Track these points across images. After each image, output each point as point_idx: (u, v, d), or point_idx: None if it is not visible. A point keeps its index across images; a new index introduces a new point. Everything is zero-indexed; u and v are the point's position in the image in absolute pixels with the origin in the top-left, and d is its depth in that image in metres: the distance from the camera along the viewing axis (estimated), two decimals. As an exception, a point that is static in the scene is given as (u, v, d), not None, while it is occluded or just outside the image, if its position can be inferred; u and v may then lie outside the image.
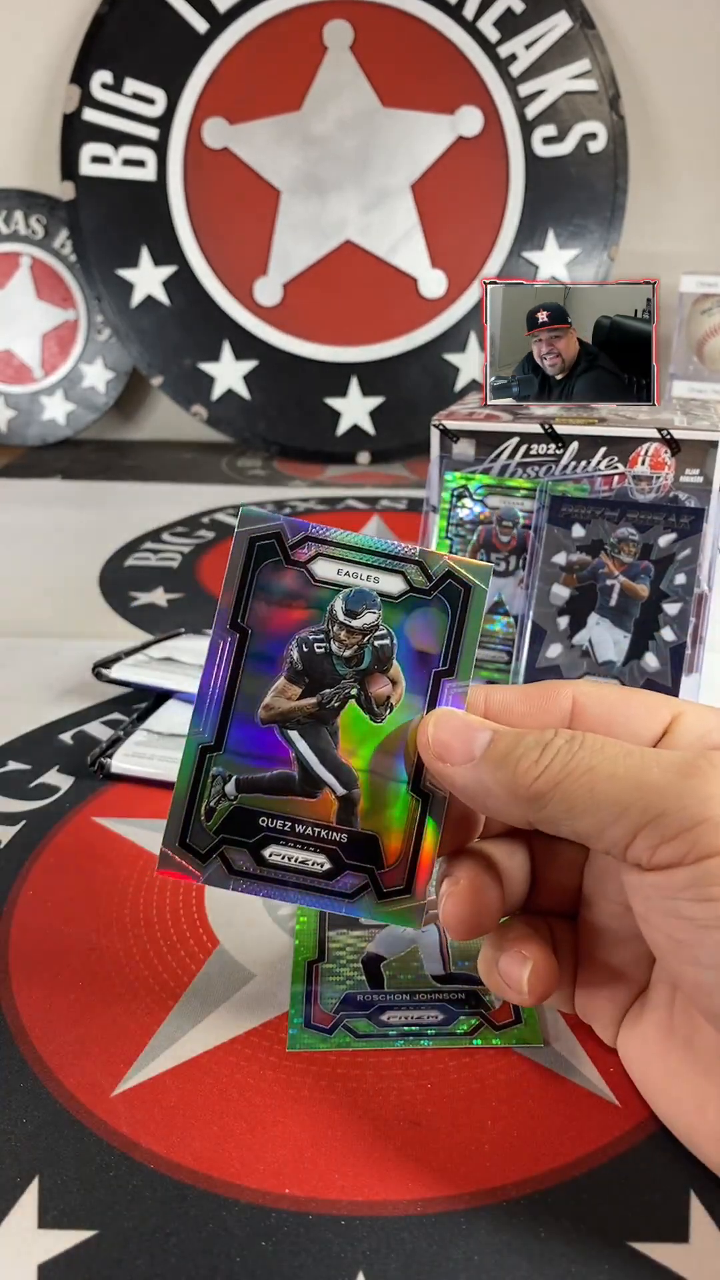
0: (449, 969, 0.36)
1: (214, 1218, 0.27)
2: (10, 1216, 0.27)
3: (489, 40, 1.10)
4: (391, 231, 1.15)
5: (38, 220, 1.20)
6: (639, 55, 1.16)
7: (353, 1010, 0.34)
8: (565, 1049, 0.32)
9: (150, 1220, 0.27)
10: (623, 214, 1.14)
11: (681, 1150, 0.29)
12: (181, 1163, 0.28)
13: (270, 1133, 0.29)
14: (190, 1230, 0.26)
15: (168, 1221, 0.27)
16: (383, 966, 0.36)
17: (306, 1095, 0.30)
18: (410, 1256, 0.26)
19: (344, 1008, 0.34)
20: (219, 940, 0.37)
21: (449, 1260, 0.26)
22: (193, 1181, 0.28)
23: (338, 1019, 0.33)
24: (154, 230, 1.14)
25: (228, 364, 1.17)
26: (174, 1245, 0.26)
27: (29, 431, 1.23)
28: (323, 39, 1.11)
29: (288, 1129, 0.29)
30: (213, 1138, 0.29)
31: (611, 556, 0.49)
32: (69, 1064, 0.31)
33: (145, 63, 1.11)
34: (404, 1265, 0.26)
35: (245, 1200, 0.27)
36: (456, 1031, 0.33)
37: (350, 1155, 0.28)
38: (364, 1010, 0.34)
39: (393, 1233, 0.26)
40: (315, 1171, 0.28)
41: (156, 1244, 0.26)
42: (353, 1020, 0.33)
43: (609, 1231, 0.26)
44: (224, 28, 1.10)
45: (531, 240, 1.15)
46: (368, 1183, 0.28)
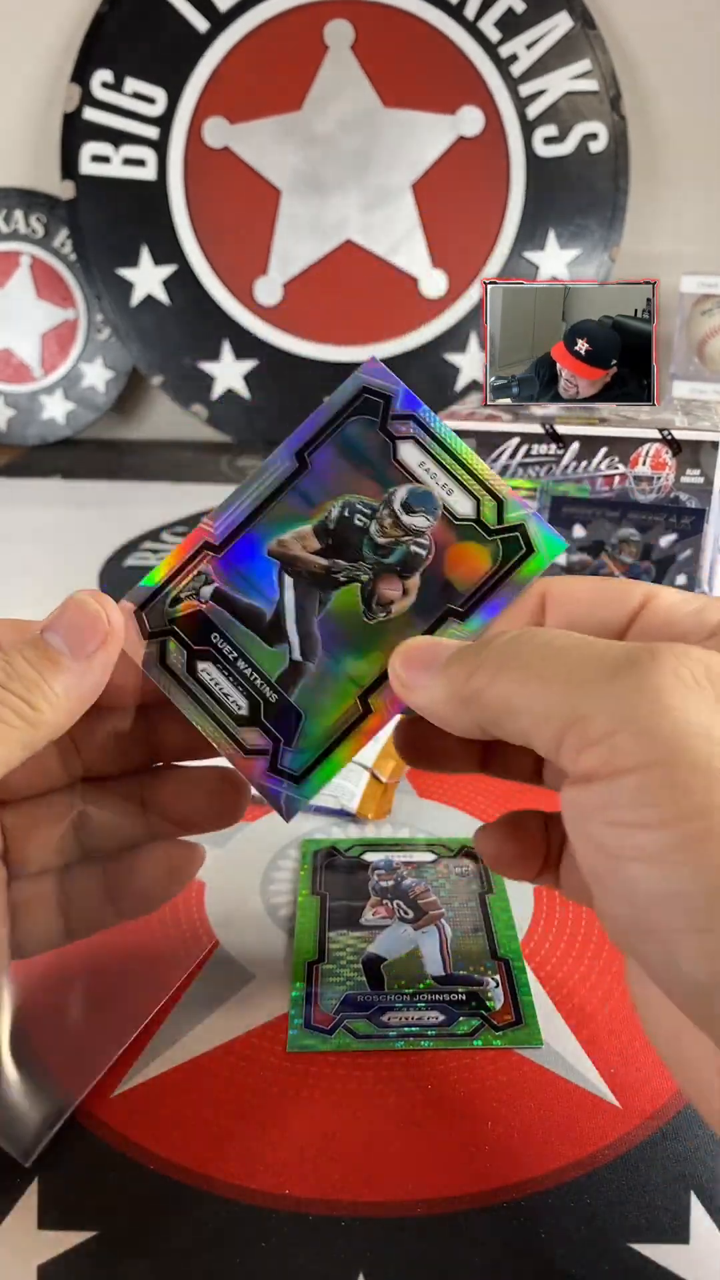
0: (449, 970, 0.36)
1: (214, 1218, 0.27)
2: (10, 1217, 0.27)
3: (490, 40, 1.10)
4: (392, 231, 1.15)
5: (38, 219, 1.20)
6: (640, 55, 1.16)
7: (352, 1011, 0.34)
8: (565, 1049, 0.32)
9: (150, 1220, 0.27)
10: (623, 214, 1.14)
11: (682, 1150, 0.29)
12: (181, 1163, 0.28)
13: (270, 1133, 0.29)
14: (190, 1230, 0.26)
15: (168, 1221, 0.27)
16: (383, 968, 0.36)
17: (306, 1095, 0.30)
18: (410, 1257, 0.26)
19: (344, 1009, 0.34)
20: (219, 940, 0.37)
21: (449, 1260, 0.26)
22: (193, 1182, 0.28)
23: (338, 1020, 0.33)
24: (154, 230, 1.14)
25: (228, 364, 1.17)
26: (174, 1245, 0.26)
27: (29, 431, 1.23)
28: (323, 39, 1.10)
29: (288, 1129, 0.29)
30: (213, 1138, 0.29)
31: (612, 557, 0.49)
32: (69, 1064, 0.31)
33: (146, 62, 1.11)
34: (404, 1265, 0.26)
35: (245, 1200, 0.27)
36: (457, 1032, 0.33)
37: (350, 1155, 0.28)
38: (364, 1011, 0.34)
39: (393, 1233, 0.26)
40: (315, 1171, 0.28)
41: (156, 1244, 0.26)
42: (353, 1021, 0.33)
43: (609, 1232, 0.26)
44: (225, 27, 1.10)
45: (532, 240, 1.15)
46: (368, 1183, 0.28)
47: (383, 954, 0.36)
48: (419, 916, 0.38)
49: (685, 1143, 0.29)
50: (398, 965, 0.36)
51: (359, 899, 0.39)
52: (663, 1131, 0.29)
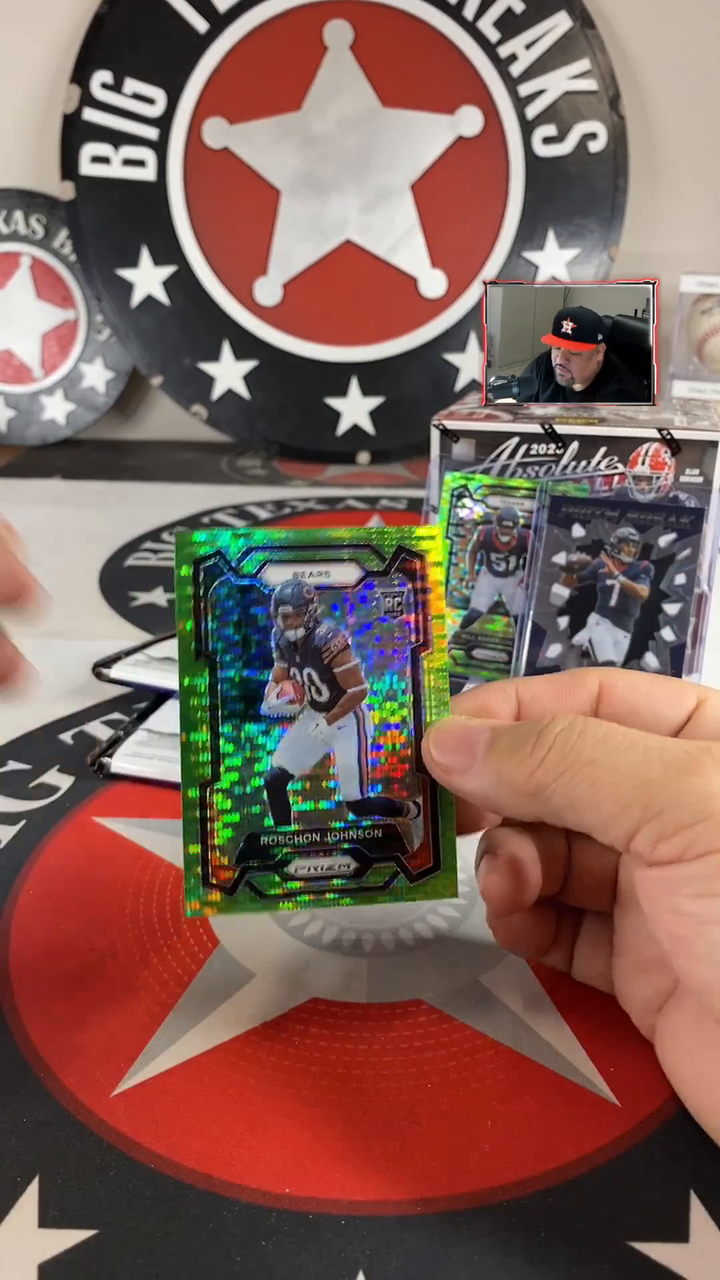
0: (365, 791, 0.31)
1: (214, 1218, 0.27)
2: (10, 1216, 0.27)
3: (489, 40, 1.10)
4: (391, 231, 1.15)
5: (38, 220, 1.20)
6: (639, 55, 1.16)
7: (255, 862, 0.30)
8: (565, 1049, 0.32)
9: (150, 1220, 0.27)
10: (623, 214, 1.14)
11: (682, 1150, 0.29)
12: (181, 1163, 0.28)
13: (270, 1133, 0.29)
14: (190, 1230, 0.26)
15: (168, 1221, 0.27)
16: (290, 790, 0.30)
17: (306, 1095, 0.30)
18: (410, 1256, 0.26)
19: (245, 858, 0.30)
20: (219, 940, 0.37)
21: (449, 1260, 0.26)
22: (193, 1181, 0.28)
23: (240, 873, 0.30)
24: (154, 230, 1.14)
25: (228, 364, 1.17)
26: (174, 1245, 0.26)
27: (29, 431, 1.23)
28: (323, 39, 1.11)
29: (288, 1129, 0.29)
30: (213, 1138, 0.29)
31: (611, 556, 0.49)
32: (69, 1064, 0.31)
33: (145, 63, 1.11)
34: (404, 1265, 0.26)
35: (245, 1200, 0.27)
36: (368, 885, 0.31)
37: (350, 1155, 0.28)
38: (268, 862, 0.30)
39: (393, 1233, 0.26)
40: (315, 1171, 0.28)
41: (156, 1244, 0.26)
42: (256, 875, 0.30)
43: (609, 1231, 0.26)
44: (224, 27, 1.10)
45: (531, 240, 1.15)
46: (368, 1183, 0.28)
47: (288, 766, 0.30)
48: (335, 698, 0.31)
49: (685, 1142, 0.29)
50: (306, 787, 0.30)
51: (257, 662, 0.30)
52: (663, 1131, 0.29)
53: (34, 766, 0.49)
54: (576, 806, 0.26)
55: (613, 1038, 0.32)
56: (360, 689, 0.31)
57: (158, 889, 0.40)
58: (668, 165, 1.20)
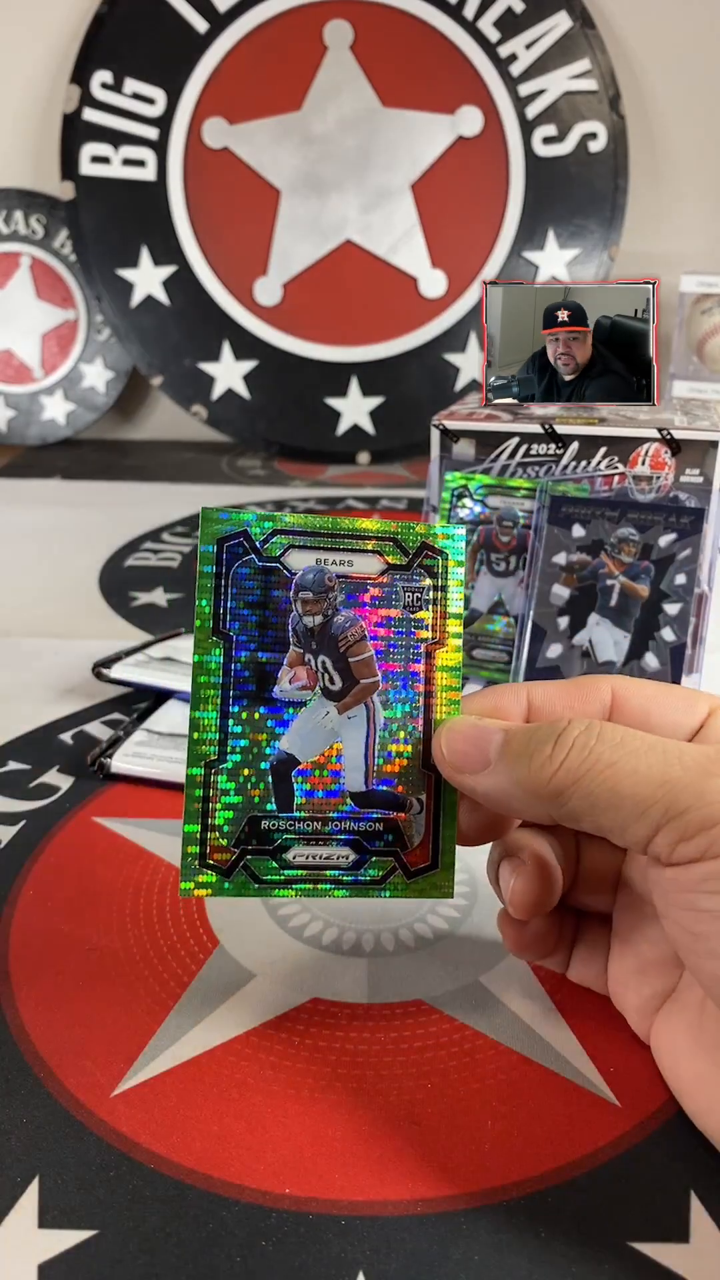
0: (370, 783, 0.31)
1: (214, 1218, 0.27)
2: (10, 1216, 0.27)
3: (489, 40, 1.10)
4: (391, 231, 1.15)
5: (38, 220, 1.20)
6: (639, 55, 1.16)
7: (254, 845, 0.30)
8: (566, 1049, 0.32)
9: (150, 1220, 0.27)
10: (623, 214, 1.14)
11: (682, 1150, 0.29)
12: (181, 1163, 0.28)
13: (270, 1133, 0.29)
14: (190, 1230, 0.26)
15: (168, 1221, 0.27)
16: (295, 776, 0.30)
17: (306, 1095, 0.30)
18: (410, 1256, 0.26)
19: (244, 840, 0.30)
20: (219, 940, 0.37)
21: (449, 1260, 0.26)
22: (193, 1181, 0.28)
23: (237, 855, 0.29)
24: (154, 230, 1.14)
25: (228, 364, 1.17)
26: (174, 1245, 0.26)
27: (29, 431, 1.23)
28: (323, 39, 1.11)
29: (288, 1129, 0.29)
30: (213, 1138, 0.29)
31: (612, 556, 0.49)
32: (69, 1064, 0.31)
33: (145, 63, 1.11)
34: (404, 1265, 0.26)
35: (245, 1200, 0.27)
36: (364, 879, 0.30)
37: (350, 1155, 0.28)
38: (268, 846, 0.30)
39: (393, 1233, 0.26)
40: (315, 1171, 0.28)
41: (156, 1244, 0.26)
42: (254, 859, 0.30)
43: (609, 1231, 0.26)
44: (224, 27, 1.10)
45: (531, 240, 1.15)
46: (368, 1183, 0.28)
47: (295, 752, 0.30)
48: (347, 687, 0.31)
49: (685, 1142, 0.29)
50: (312, 775, 0.30)
51: (273, 645, 0.30)
52: (663, 1131, 0.29)
53: (34, 766, 0.49)
54: (595, 809, 0.27)
55: (613, 1038, 0.32)
56: (373, 680, 0.31)
57: (158, 889, 0.40)
58: (668, 165, 1.20)
